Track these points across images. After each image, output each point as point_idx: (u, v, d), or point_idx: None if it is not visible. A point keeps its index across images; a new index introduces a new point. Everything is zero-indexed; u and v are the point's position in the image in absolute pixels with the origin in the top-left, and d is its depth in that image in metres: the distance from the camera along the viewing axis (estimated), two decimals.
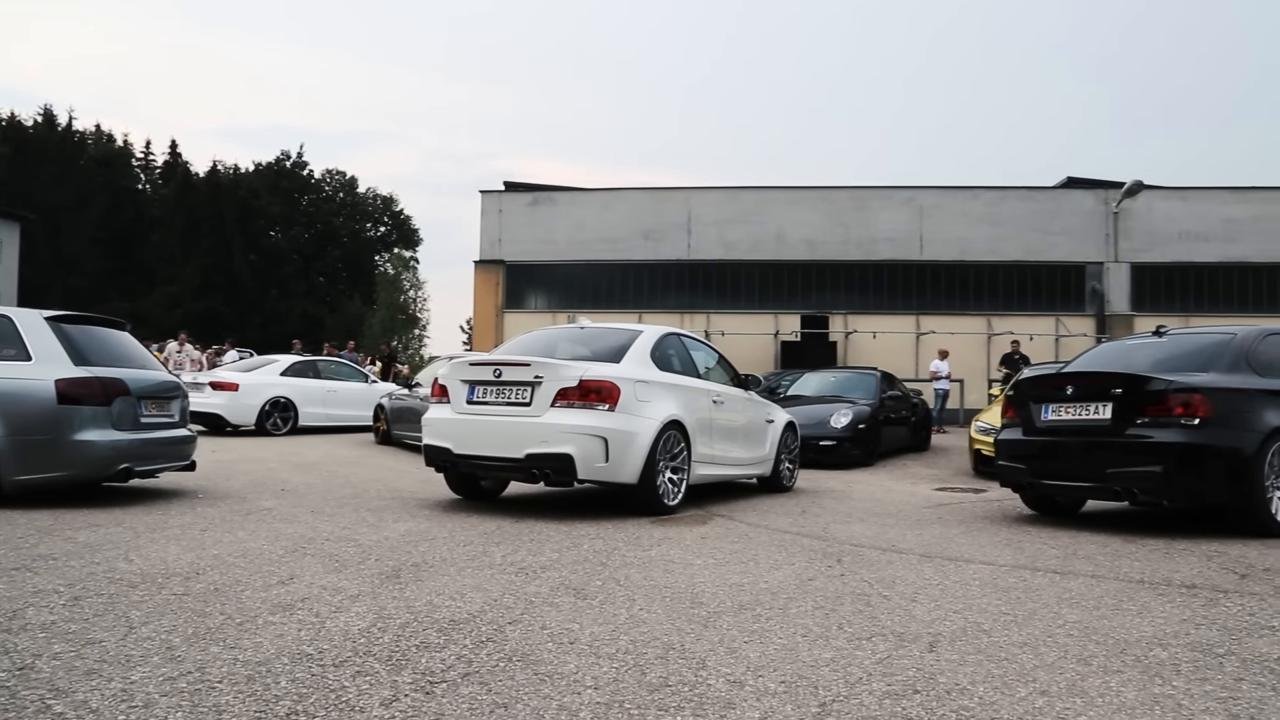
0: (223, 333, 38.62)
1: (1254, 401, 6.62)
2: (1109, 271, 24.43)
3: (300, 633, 3.46)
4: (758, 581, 4.65)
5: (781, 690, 2.93)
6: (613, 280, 25.75)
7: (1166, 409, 6.49)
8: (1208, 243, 24.31)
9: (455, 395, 7.34)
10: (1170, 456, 6.39)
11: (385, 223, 71.50)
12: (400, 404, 14.29)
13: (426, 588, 4.31)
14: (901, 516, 7.48)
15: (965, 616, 3.96)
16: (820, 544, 5.92)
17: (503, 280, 25.93)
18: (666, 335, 8.10)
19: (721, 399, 8.32)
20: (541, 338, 8.32)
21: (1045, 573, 5.03)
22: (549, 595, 4.22)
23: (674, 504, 7.29)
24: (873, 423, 13.28)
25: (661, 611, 3.95)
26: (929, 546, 5.90)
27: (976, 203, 25.02)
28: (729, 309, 25.01)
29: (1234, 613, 4.11)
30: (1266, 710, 2.80)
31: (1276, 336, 7.40)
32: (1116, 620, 3.93)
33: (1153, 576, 4.93)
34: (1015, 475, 7.43)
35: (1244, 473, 6.33)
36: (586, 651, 3.32)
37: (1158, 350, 7.38)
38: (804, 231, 25.10)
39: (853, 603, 4.19)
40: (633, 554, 5.36)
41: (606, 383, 6.92)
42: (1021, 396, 7.58)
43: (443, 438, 7.27)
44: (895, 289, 24.94)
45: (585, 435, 6.76)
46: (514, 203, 26.42)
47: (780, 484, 9.36)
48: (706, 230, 25.37)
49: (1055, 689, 2.98)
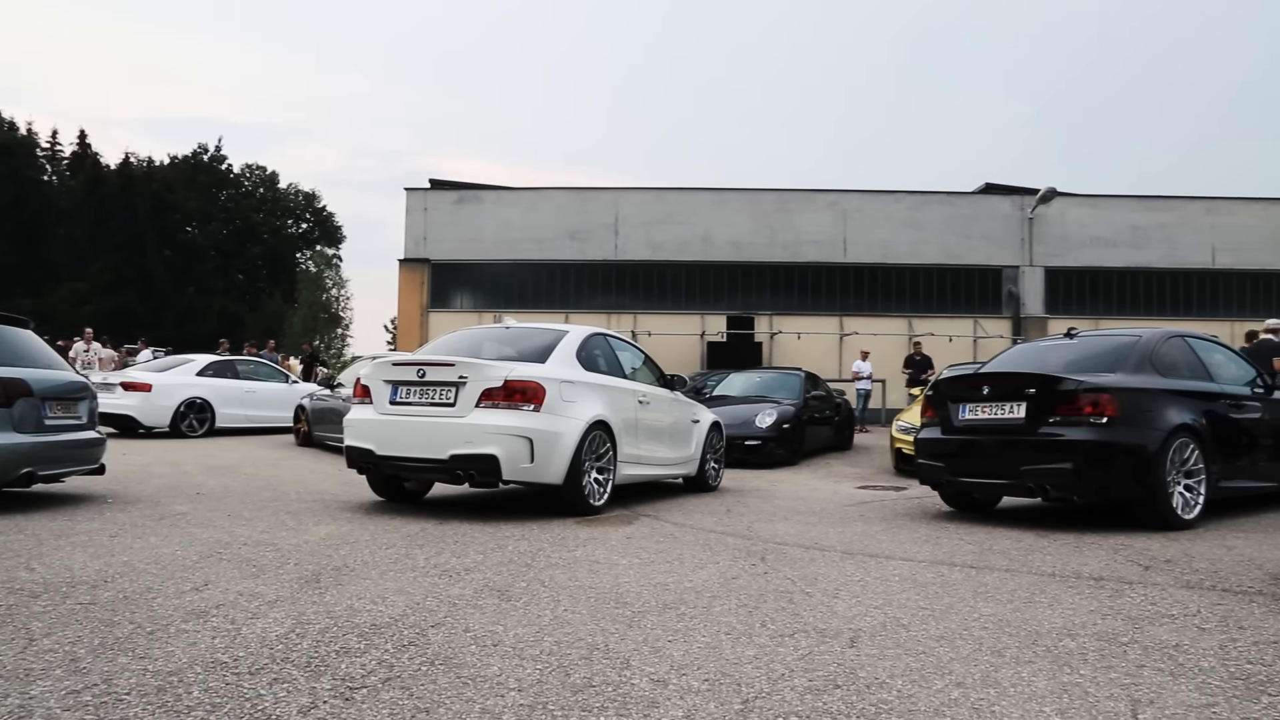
0: (136, 331, 37.36)
1: (1157, 401, 6.89)
2: (1024, 275, 25.18)
3: (214, 640, 3.37)
4: (682, 581, 4.67)
5: (705, 688, 2.95)
6: (539, 280, 25.63)
7: (1077, 408, 6.71)
8: (1116, 248, 25.23)
9: (378, 396, 7.23)
10: (1080, 454, 6.62)
11: (307, 219, 70.05)
12: (322, 405, 14.00)
13: (347, 592, 4.24)
14: (824, 515, 7.59)
15: (885, 612, 4.03)
16: (744, 543, 5.98)
17: (428, 279, 25.61)
18: (592, 335, 8.09)
19: (647, 399, 8.35)
20: (466, 338, 8.24)
21: (962, 568, 5.16)
22: (473, 597, 4.19)
23: (600, 504, 7.29)
24: (797, 422, 13.46)
25: (586, 612, 3.95)
26: (851, 544, 6.00)
27: (898, 207, 25.55)
28: (656, 309, 25.10)
29: (1137, 603, 4.26)
30: (1164, 695, 2.92)
31: (1178, 339, 7.72)
32: (1029, 613, 4.05)
33: (1063, 570, 5.10)
34: (934, 473, 7.61)
35: (1148, 468, 6.58)
36: (510, 653, 3.30)
37: (1069, 352, 7.63)
38: (730, 233, 25.33)
39: (776, 600, 4.24)
40: (558, 555, 5.35)
41: (532, 383, 6.88)
42: (940, 396, 7.76)
43: (365, 439, 7.15)
44: (819, 290, 25.32)
45: (510, 436, 6.71)
46: (439, 201, 26.11)
47: (706, 483, 9.43)
48: (633, 231, 25.42)
49: (970, 680, 3.05)
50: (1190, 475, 6.84)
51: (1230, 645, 3.52)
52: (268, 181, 67.94)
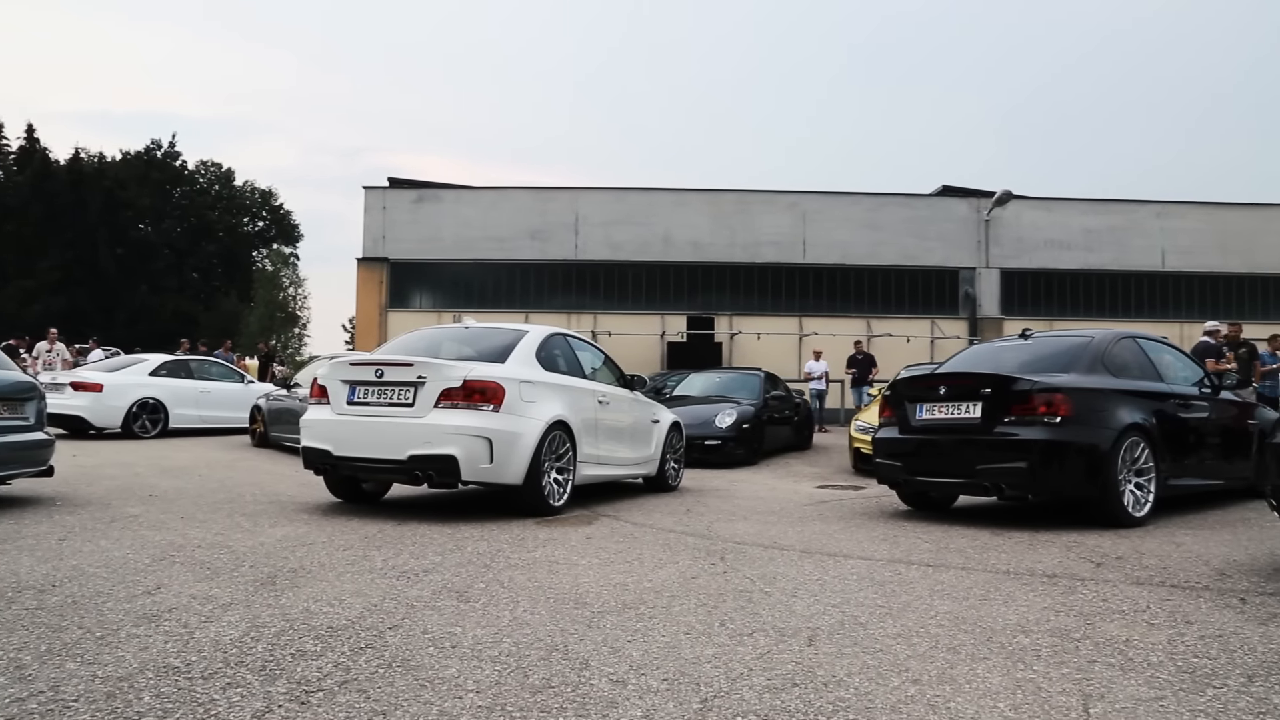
0: (87, 330, 36.59)
1: (1109, 400, 7.02)
2: (980, 276, 25.53)
3: (167, 645, 3.31)
4: (642, 581, 4.68)
5: (664, 688, 2.95)
6: (499, 280, 25.53)
7: (1031, 408, 6.82)
8: (1070, 251, 25.68)
9: (335, 396, 7.15)
10: (1034, 453, 6.72)
11: (264, 217, 69.08)
12: (278, 405, 13.82)
13: (304, 594, 4.19)
14: (783, 514, 7.64)
15: (843, 610, 4.07)
16: (704, 542, 6.00)
17: (386, 278, 25.40)
18: (552, 335, 8.07)
19: (607, 399, 8.34)
20: (425, 337, 8.18)
21: (919, 566, 5.22)
22: (431, 599, 4.16)
23: (559, 505, 7.27)
24: (756, 422, 13.52)
25: (545, 613, 3.93)
26: (809, 543, 6.04)
27: (857, 208, 25.79)
28: (616, 309, 25.10)
29: (1089, 599, 4.34)
30: (1115, 689, 2.97)
31: (1129, 340, 7.87)
32: (984, 610, 4.11)
33: (1018, 567, 5.17)
34: (892, 472, 7.68)
35: (1100, 467, 6.70)
36: (468, 655, 3.28)
37: (1024, 352, 7.75)
38: (690, 233, 25.40)
39: (735, 599, 4.26)
40: (517, 555, 5.32)
41: (491, 383, 6.85)
42: (898, 396, 7.84)
43: (322, 439, 7.07)
44: (779, 291, 25.48)
45: (469, 436, 6.68)
46: (399, 199, 25.90)
47: (665, 483, 9.44)
48: (594, 231, 25.41)
49: (926, 677, 3.09)
50: (1141, 474, 6.97)
51: (1178, 640, 3.59)
52: (223, 178, 66.88)
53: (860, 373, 20.07)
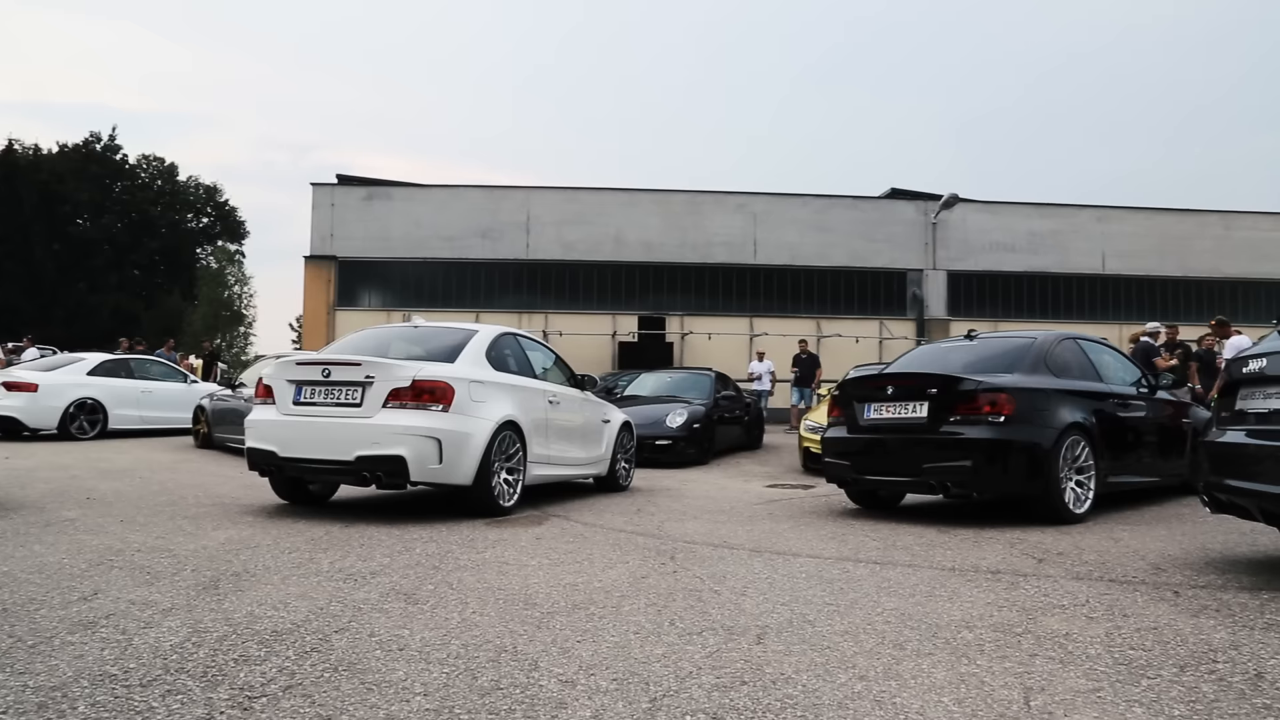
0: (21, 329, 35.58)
1: (1051, 400, 7.17)
2: (928, 278, 25.91)
3: (103, 652, 3.23)
4: (592, 581, 4.67)
5: (613, 688, 2.95)
6: (449, 279, 25.33)
7: (976, 407, 6.93)
8: (1014, 253, 26.17)
9: (281, 396, 7.04)
10: (979, 451, 6.84)
11: (208, 214, 67.65)
12: (222, 405, 13.58)
13: (248, 598, 4.11)
14: (734, 513, 7.68)
15: (792, 608, 4.10)
16: (654, 542, 6.01)
17: (335, 277, 25.08)
18: (502, 335, 8.03)
19: (558, 399, 8.32)
20: (373, 337, 8.09)
21: (866, 563, 5.28)
22: (378, 601, 4.11)
23: (509, 505, 7.24)
24: (707, 422, 13.59)
25: (494, 614, 3.91)
26: (759, 541, 6.08)
27: (806, 210, 26.02)
28: (567, 309, 25.05)
29: (1031, 594, 4.42)
30: (1055, 681, 3.03)
31: (1070, 341, 8.05)
32: (930, 606, 4.17)
33: (962, 564, 5.25)
34: (840, 471, 7.76)
35: (1042, 465, 6.83)
36: (416, 658, 3.25)
37: (969, 353, 7.88)
38: (642, 234, 25.44)
39: (684, 599, 4.27)
40: (466, 556, 5.29)
41: (440, 383, 6.80)
42: (846, 396, 7.92)
43: (267, 440, 6.96)
44: (730, 291, 25.62)
45: (418, 436, 6.62)
46: (347, 197, 25.58)
47: (616, 483, 9.44)
48: (545, 230, 25.33)
49: (873, 673, 3.12)
50: (1081, 471, 7.13)
51: (1115, 632, 3.68)
52: (166, 173, 65.38)
53: (804, 373, 20.15)
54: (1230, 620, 3.90)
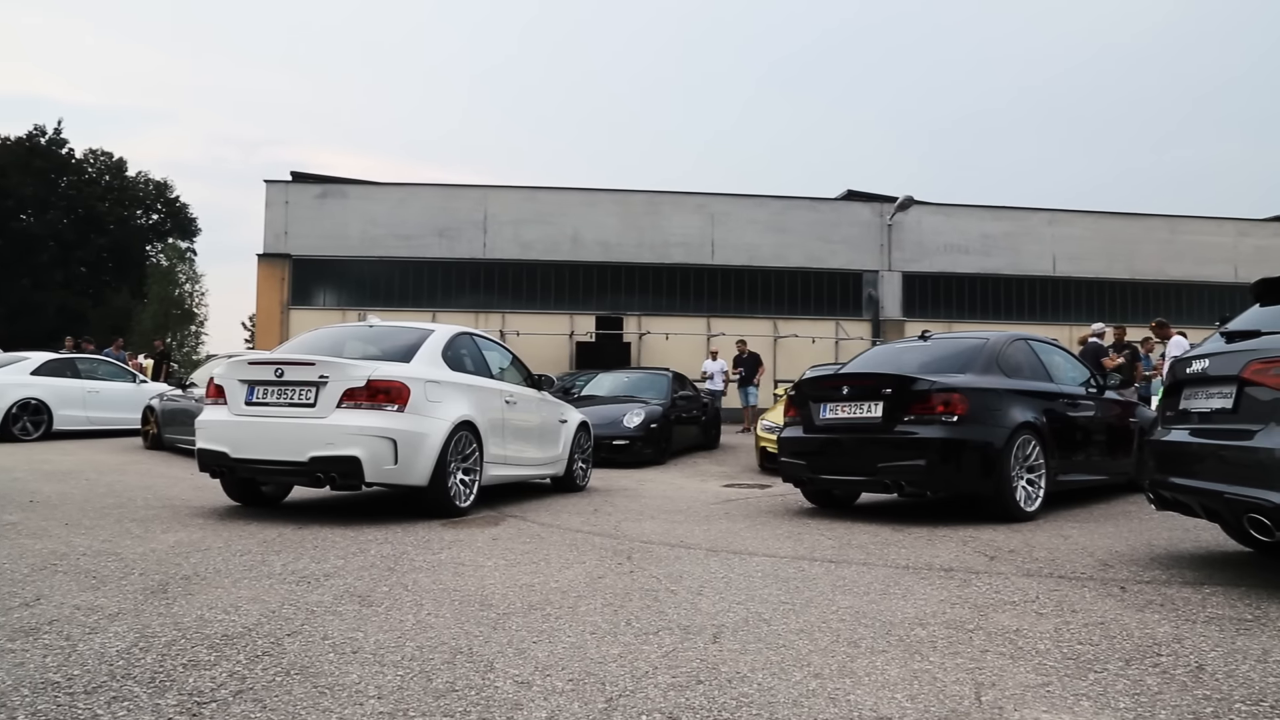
0: None
1: (1003, 400, 7.28)
2: (883, 279, 26.18)
3: (46, 659, 3.16)
4: (548, 581, 4.66)
5: (569, 688, 2.94)
6: (405, 278, 25.10)
7: (929, 407, 7.02)
8: (968, 255, 26.54)
9: (233, 396, 6.94)
10: (933, 451, 6.92)
11: (158, 210, 66.35)
12: (173, 405, 13.34)
13: (197, 601, 4.04)
14: (691, 513, 7.70)
15: (747, 607, 4.12)
16: (611, 542, 6.01)
17: (288, 275, 24.73)
18: (459, 335, 7.98)
19: (515, 399, 8.29)
20: (327, 336, 8.00)
21: (822, 562, 5.32)
22: (332, 604, 4.06)
23: (466, 505, 7.20)
24: (664, 422, 13.61)
25: (450, 615, 3.89)
26: (716, 541, 6.10)
27: (764, 211, 26.16)
28: (524, 309, 24.95)
29: (983, 591, 4.49)
30: (1005, 676, 3.08)
31: (1021, 342, 8.18)
32: (884, 604, 4.21)
33: (916, 562, 5.32)
34: (796, 471, 7.82)
35: (994, 464, 6.94)
36: (370, 660, 3.21)
37: (923, 353, 7.97)
38: (600, 233, 25.41)
39: (641, 598, 4.28)
40: (422, 558, 5.25)
41: (396, 383, 6.74)
42: (802, 396, 7.98)
43: (219, 441, 6.85)
44: (687, 291, 25.69)
45: (373, 437, 6.56)
46: (301, 194, 25.24)
47: (573, 483, 9.43)
48: (503, 229, 25.20)
49: (827, 671, 3.15)
50: (1032, 470, 7.25)
51: (1064, 628, 3.74)
52: (114, 168, 64.01)
53: (746, 373, 20.05)
54: (1174, 614, 3.99)
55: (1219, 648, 3.45)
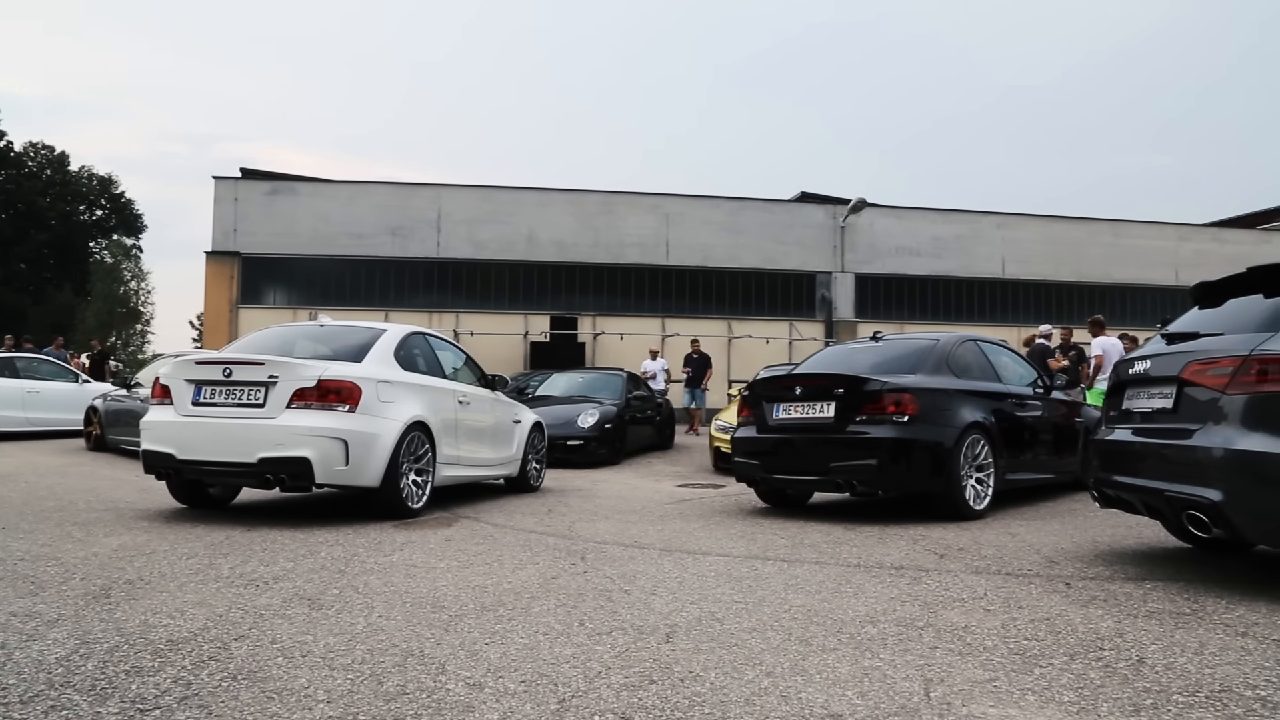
0: None
1: (953, 400, 7.39)
2: (836, 280, 26.42)
3: None
4: (501, 582, 4.63)
5: (521, 690, 2.93)
6: (358, 277, 24.80)
7: (881, 407, 7.10)
8: (919, 257, 26.88)
9: (179, 396, 6.81)
10: (884, 450, 7.00)
11: (102, 206, 64.88)
12: (117, 406, 13.06)
13: (141, 606, 3.96)
14: (645, 513, 7.71)
15: (701, 606, 4.13)
16: (565, 542, 5.99)
17: (238, 273, 24.31)
18: (411, 334, 7.91)
19: (468, 399, 8.24)
20: (277, 335, 7.88)
21: (775, 561, 5.36)
22: (281, 607, 4.00)
23: (418, 507, 7.14)
24: (619, 422, 13.61)
25: (401, 618, 3.85)
26: (669, 541, 6.12)
27: (718, 212, 26.26)
28: (478, 309, 24.80)
29: (933, 589, 4.55)
30: (953, 673, 3.13)
31: (971, 343, 8.31)
32: (835, 602, 4.25)
33: (868, 560, 5.38)
34: (750, 470, 7.86)
35: (944, 463, 7.04)
36: (320, 664, 3.17)
37: (875, 354, 8.06)
38: (554, 233, 25.33)
39: (594, 599, 4.27)
40: (373, 560, 5.19)
41: (347, 383, 6.66)
42: (756, 397, 8.03)
43: (164, 442, 6.72)
44: (642, 292, 25.70)
45: (324, 437, 6.48)
46: (251, 191, 24.83)
47: (527, 484, 9.39)
48: (457, 228, 25.01)
49: (779, 670, 3.17)
50: (981, 469, 7.37)
51: (1011, 624, 3.81)
52: (56, 163, 62.45)
53: (695, 373, 19.96)
54: (1116, 609, 4.08)
55: (1159, 641, 3.54)
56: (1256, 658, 3.31)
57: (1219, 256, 25.89)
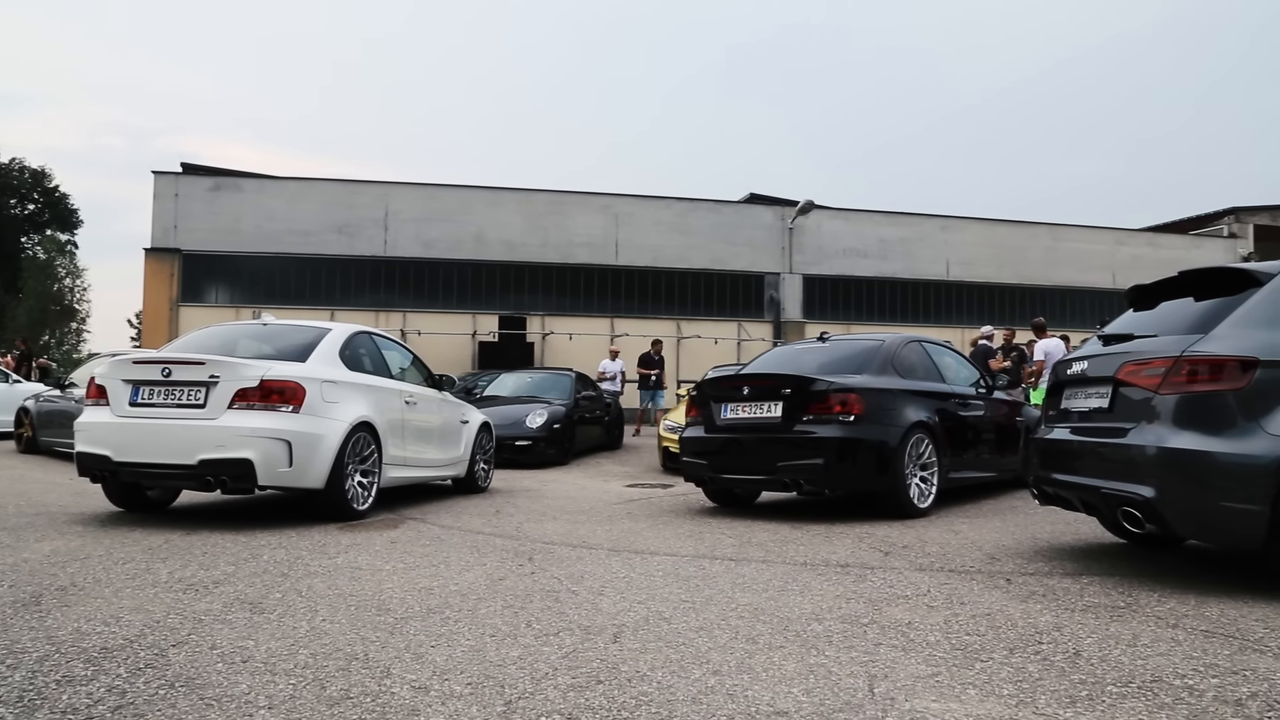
0: None
1: (898, 400, 7.49)
2: (784, 281, 26.64)
3: None
4: (448, 584, 4.60)
5: (468, 692, 2.91)
6: (303, 275, 24.42)
7: (827, 407, 7.17)
8: (866, 259, 27.22)
9: (116, 397, 6.64)
10: (830, 450, 7.07)
11: (35, 200, 63.04)
12: (50, 407, 12.71)
13: (74, 614, 3.86)
14: (593, 513, 7.70)
15: (648, 606, 4.14)
16: (513, 543, 5.96)
17: (178, 271, 23.79)
18: (357, 334, 7.82)
19: (415, 400, 8.16)
20: (219, 335, 7.73)
21: (722, 560, 5.38)
22: (221, 612, 3.92)
23: (364, 508, 7.05)
24: (568, 422, 13.58)
25: (346, 621, 3.80)
26: (618, 541, 6.12)
27: (668, 212, 26.32)
28: (426, 308, 24.56)
29: (877, 586, 4.61)
30: (897, 668, 3.17)
31: (915, 344, 8.43)
32: (782, 600, 4.28)
33: (814, 559, 5.43)
34: (698, 470, 7.89)
35: (889, 462, 7.13)
36: (261, 669, 3.12)
37: (822, 354, 8.14)
38: (503, 233, 25.18)
39: (542, 600, 4.26)
40: (317, 563, 5.11)
41: (290, 383, 6.56)
42: (704, 397, 8.06)
43: (100, 444, 6.55)
44: (591, 292, 25.67)
45: (267, 438, 6.37)
46: (192, 187, 24.31)
47: (475, 485, 9.33)
48: (404, 227, 24.74)
49: (726, 668, 3.18)
50: (925, 468, 7.48)
51: (953, 620, 3.87)
52: None
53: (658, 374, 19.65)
54: (1055, 604, 4.17)
55: (1094, 634, 3.62)
56: (1185, 648, 3.41)
57: (1153, 260, 26.58)
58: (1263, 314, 4.50)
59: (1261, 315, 4.49)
